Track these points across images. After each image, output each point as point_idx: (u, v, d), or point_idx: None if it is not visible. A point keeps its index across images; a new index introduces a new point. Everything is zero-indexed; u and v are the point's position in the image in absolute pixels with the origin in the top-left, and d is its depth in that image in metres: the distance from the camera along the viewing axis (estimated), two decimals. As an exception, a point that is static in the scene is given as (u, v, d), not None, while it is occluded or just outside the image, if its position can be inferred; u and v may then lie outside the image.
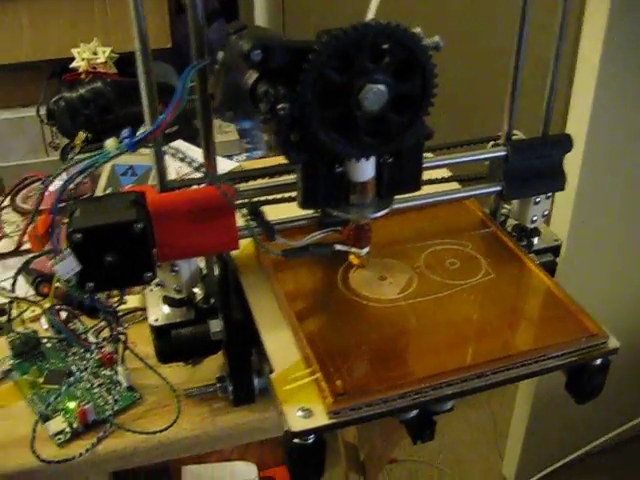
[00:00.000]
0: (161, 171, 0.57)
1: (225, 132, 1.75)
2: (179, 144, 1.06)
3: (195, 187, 0.61)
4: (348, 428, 1.24)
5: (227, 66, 0.53)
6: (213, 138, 0.56)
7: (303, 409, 0.51)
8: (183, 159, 0.55)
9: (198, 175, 0.57)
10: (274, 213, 0.62)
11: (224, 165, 1.00)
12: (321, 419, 0.51)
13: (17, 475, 0.63)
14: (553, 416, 1.50)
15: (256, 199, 0.63)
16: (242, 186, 0.63)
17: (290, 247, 0.60)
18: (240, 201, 0.59)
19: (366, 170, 0.57)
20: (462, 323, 0.60)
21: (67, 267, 0.54)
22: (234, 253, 0.64)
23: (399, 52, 0.50)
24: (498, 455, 1.68)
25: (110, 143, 0.50)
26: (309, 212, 0.65)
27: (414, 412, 0.56)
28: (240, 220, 0.59)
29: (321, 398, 0.52)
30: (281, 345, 0.57)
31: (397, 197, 0.63)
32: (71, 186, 0.53)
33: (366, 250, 0.63)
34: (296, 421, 0.51)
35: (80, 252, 0.54)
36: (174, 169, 0.92)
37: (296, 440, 0.51)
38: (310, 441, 0.51)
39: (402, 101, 0.52)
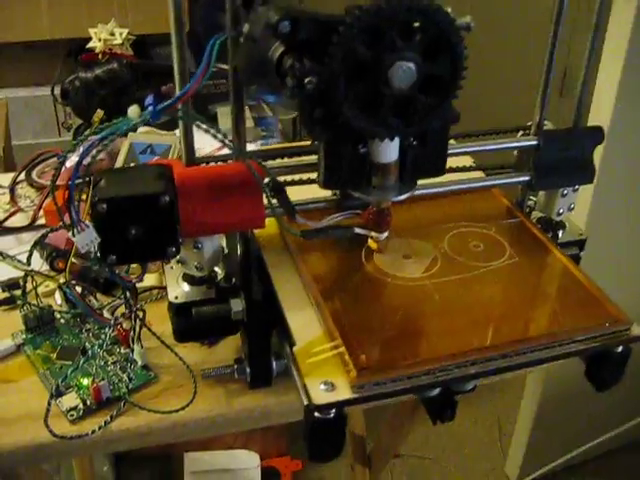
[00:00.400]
0: (189, 144, 0.56)
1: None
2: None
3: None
4: (356, 419, 1.24)
5: (252, 38, 0.51)
6: (243, 111, 0.55)
7: (326, 383, 0.51)
8: (208, 131, 0.54)
9: (224, 152, 0.56)
10: (292, 195, 0.61)
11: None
12: (344, 393, 0.50)
13: (29, 449, 0.62)
14: (559, 418, 1.49)
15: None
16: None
17: (309, 228, 0.59)
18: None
19: (390, 152, 0.56)
20: (486, 304, 0.60)
21: (86, 238, 0.53)
22: (257, 232, 0.63)
23: (430, 31, 0.49)
24: (501, 454, 1.67)
25: (133, 110, 0.49)
26: (327, 194, 0.64)
27: (436, 390, 0.55)
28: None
29: (345, 372, 0.51)
30: (304, 321, 0.56)
31: (425, 183, 0.63)
32: (88, 160, 0.52)
33: (385, 235, 0.62)
34: (319, 394, 0.50)
35: (104, 223, 0.53)
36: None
37: (317, 414, 0.50)
38: (331, 416, 0.50)
39: (431, 82, 0.51)
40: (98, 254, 0.54)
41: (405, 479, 1.62)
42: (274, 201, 0.57)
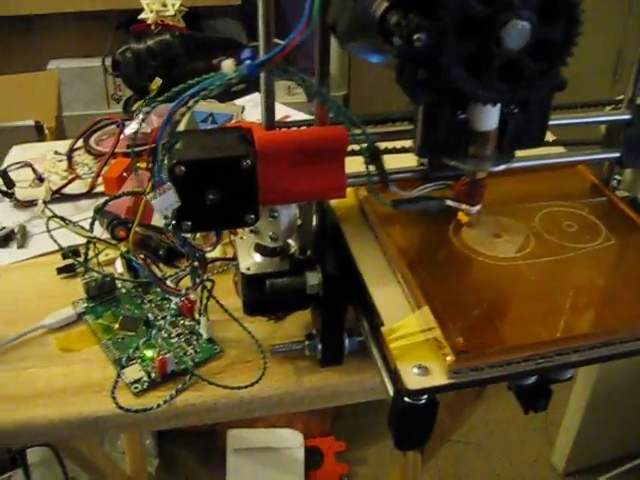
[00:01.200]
0: (269, 106, 0.53)
1: (293, 94, 1.72)
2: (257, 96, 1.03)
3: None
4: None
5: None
6: (328, 74, 0.52)
7: (419, 367, 0.48)
8: (291, 78, 0.51)
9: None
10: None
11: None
12: (439, 378, 0.47)
13: (92, 420, 0.60)
14: (610, 412, 1.45)
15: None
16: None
17: (401, 198, 0.55)
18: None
19: (490, 119, 0.52)
20: (584, 288, 0.56)
21: (165, 202, 0.50)
22: (333, 203, 0.60)
23: None
24: (547, 443, 1.63)
25: (228, 64, 0.46)
26: (414, 165, 0.61)
27: (533, 379, 0.52)
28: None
29: (439, 356, 0.48)
30: (390, 299, 0.53)
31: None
32: (177, 117, 0.49)
33: (478, 207, 0.59)
34: (412, 379, 0.47)
35: (181, 187, 0.50)
36: (257, 119, 0.88)
37: (407, 399, 0.47)
38: (423, 402, 0.47)
39: (542, 46, 0.47)
40: (173, 221, 0.52)
41: (450, 464, 1.60)
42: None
